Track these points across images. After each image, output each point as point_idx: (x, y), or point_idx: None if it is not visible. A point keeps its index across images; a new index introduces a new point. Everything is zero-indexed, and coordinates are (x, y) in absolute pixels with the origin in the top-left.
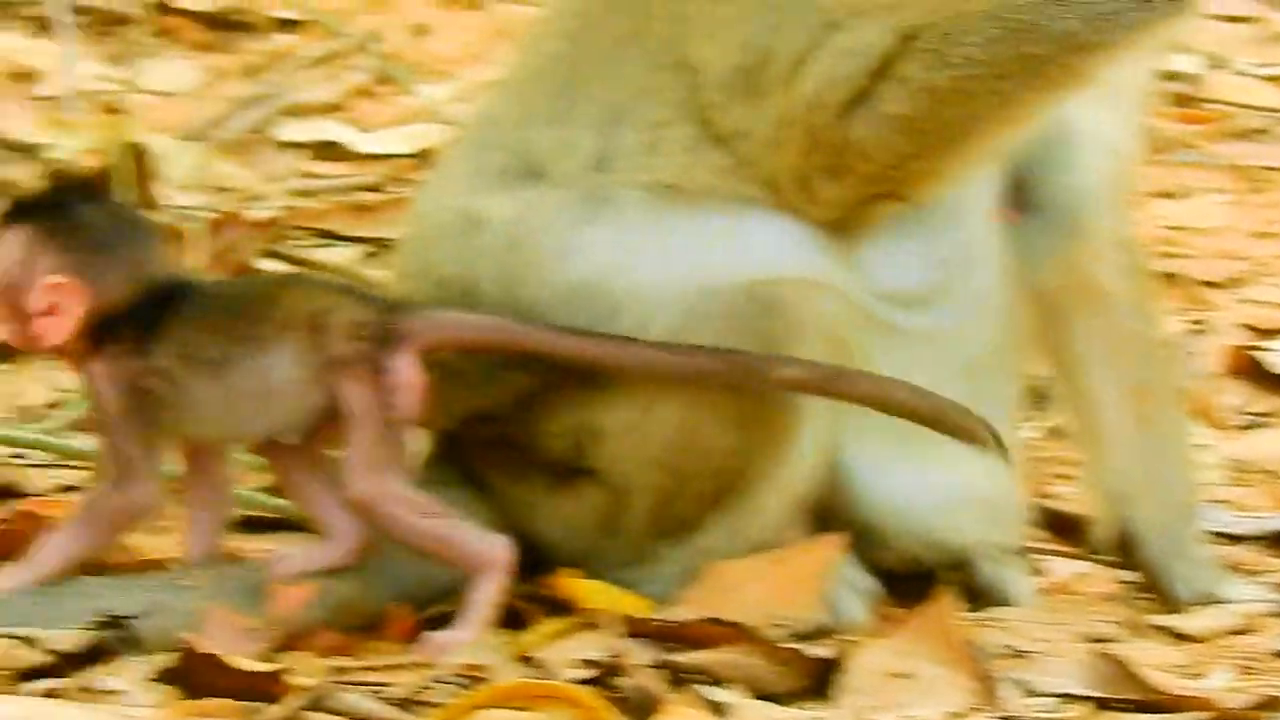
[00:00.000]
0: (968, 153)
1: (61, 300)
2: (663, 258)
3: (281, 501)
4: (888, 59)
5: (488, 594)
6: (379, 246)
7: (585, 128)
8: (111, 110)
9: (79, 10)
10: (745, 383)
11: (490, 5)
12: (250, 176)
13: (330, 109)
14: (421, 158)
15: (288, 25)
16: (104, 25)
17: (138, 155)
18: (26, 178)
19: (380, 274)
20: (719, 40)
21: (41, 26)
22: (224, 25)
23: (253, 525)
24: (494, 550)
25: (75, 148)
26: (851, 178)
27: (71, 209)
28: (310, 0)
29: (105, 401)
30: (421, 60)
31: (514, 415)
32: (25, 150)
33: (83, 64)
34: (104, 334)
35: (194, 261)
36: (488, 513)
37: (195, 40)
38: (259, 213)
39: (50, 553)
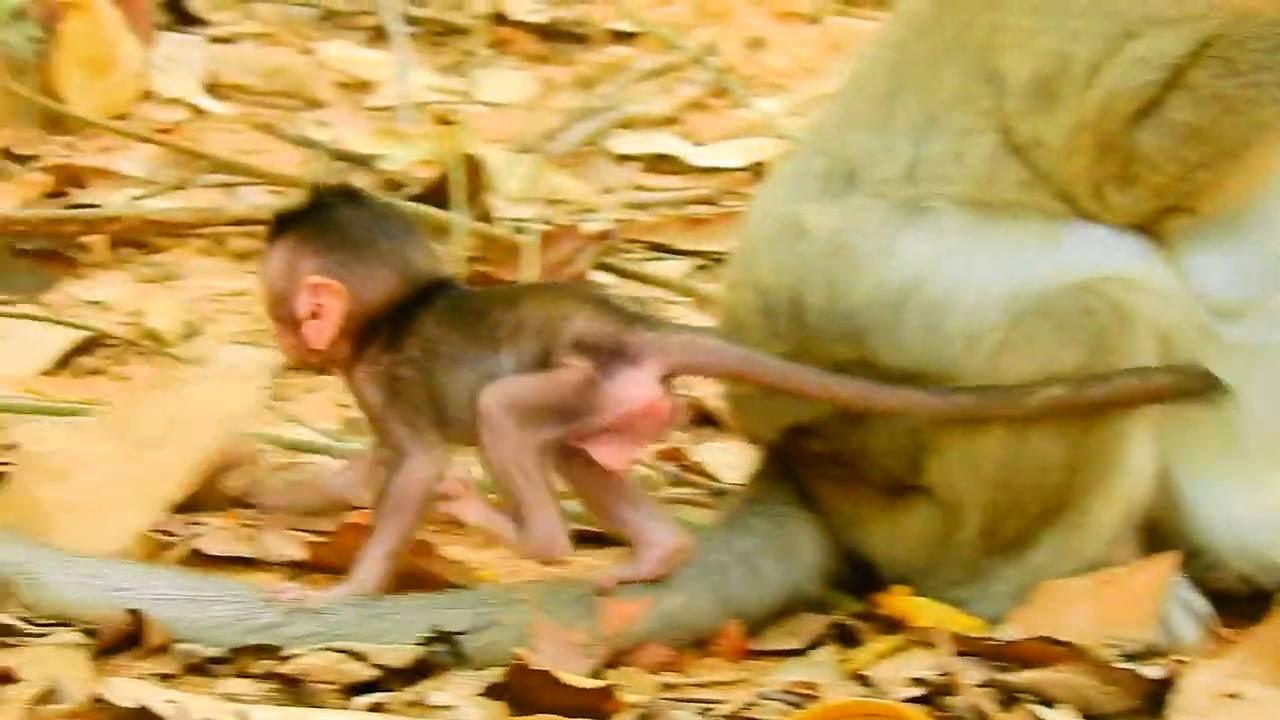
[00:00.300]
0: (1254, 164)
1: (324, 301)
2: (985, 260)
3: None
4: (1179, 68)
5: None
6: (711, 260)
7: (900, 135)
8: (445, 121)
9: (413, 21)
10: (1003, 414)
11: (826, 19)
12: (583, 189)
13: (664, 122)
14: (755, 171)
15: (622, 37)
16: (438, 36)
17: (471, 167)
18: (362, 187)
19: (711, 287)
20: (1023, 49)
21: (376, 37)
22: (558, 37)
23: (584, 539)
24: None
25: (408, 159)
26: (1141, 188)
27: (330, 212)
28: (645, 12)
29: (371, 401)
30: (756, 73)
31: (842, 431)
32: (359, 161)
33: (416, 75)
34: (366, 335)
35: (526, 274)
36: (817, 528)
37: (529, 52)
38: (591, 225)
39: (371, 558)
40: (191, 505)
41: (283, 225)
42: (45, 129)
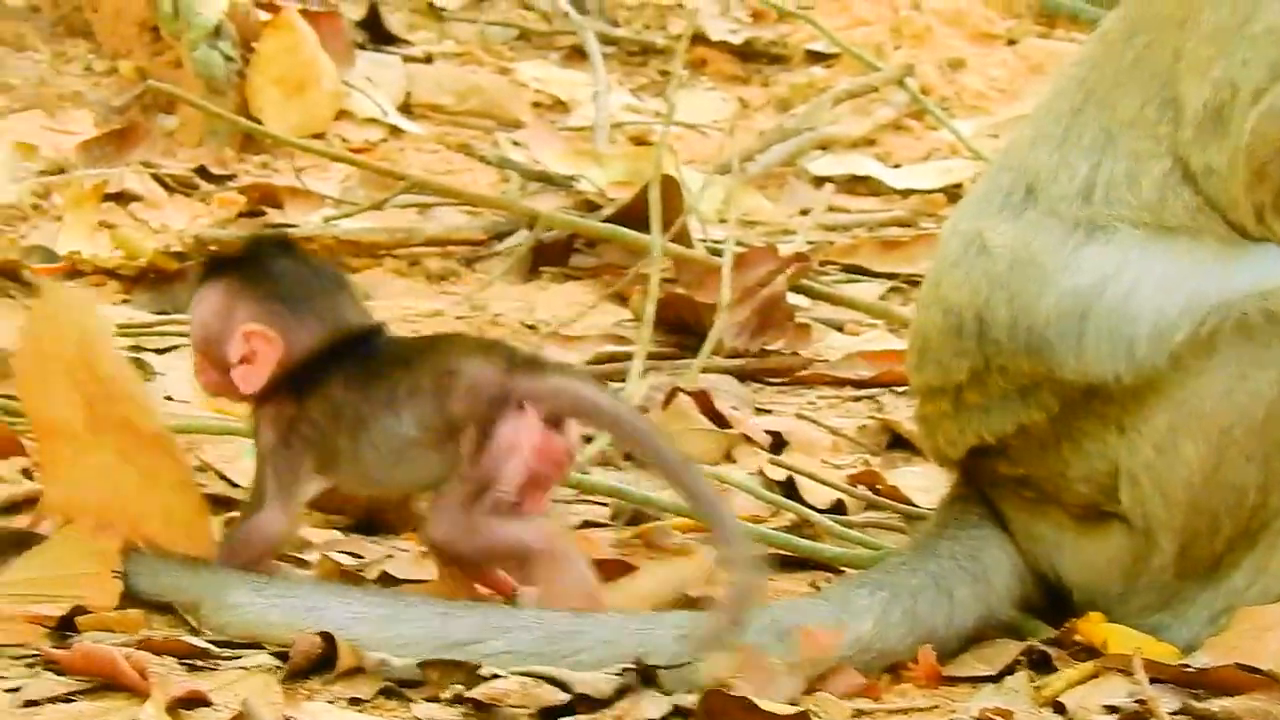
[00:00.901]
0: None
1: (258, 348)
2: (1167, 270)
3: (805, 541)
4: None
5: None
6: (906, 282)
7: (1079, 153)
8: (641, 142)
9: (610, 41)
10: None
11: (1025, 40)
12: (779, 210)
13: (861, 143)
14: (950, 193)
15: (820, 58)
16: (635, 56)
17: (667, 188)
18: (558, 208)
19: (906, 310)
20: (1200, 76)
21: (573, 57)
22: (755, 57)
23: (783, 564)
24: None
25: (604, 179)
26: None
27: (266, 262)
28: (843, 34)
29: (262, 441)
30: (953, 95)
31: (1032, 455)
32: (555, 181)
33: (614, 95)
34: (282, 380)
35: (722, 296)
36: (1009, 552)
37: (726, 72)
38: (788, 247)
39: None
40: (380, 528)
41: (219, 268)
42: (241, 148)
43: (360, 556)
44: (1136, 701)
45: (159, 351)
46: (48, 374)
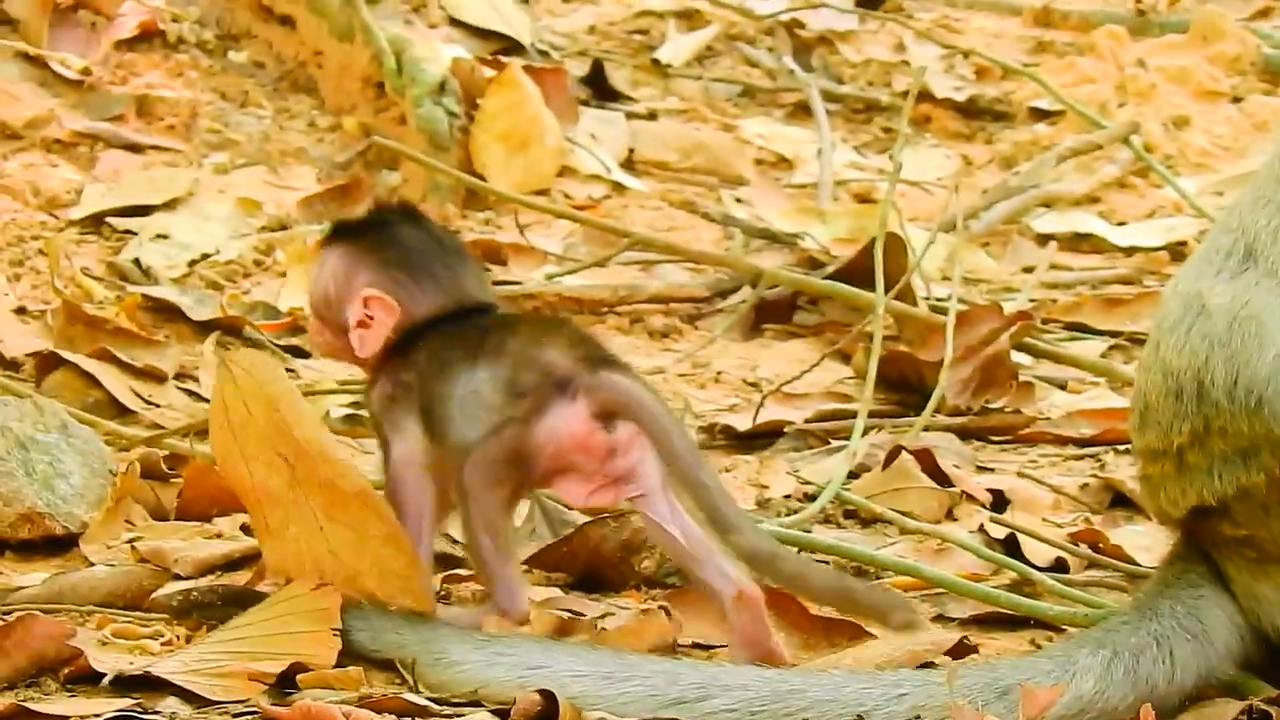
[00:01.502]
0: None
1: (376, 313)
2: None
3: (1026, 600)
4: None
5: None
6: (1129, 341)
7: None
8: (865, 199)
9: (834, 98)
10: None
11: (1250, 98)
12: (1002, 268)
13: (1085, 200)
14: (1175, 251)
15: (1043, 115)
16: (858, 113)
17: (891, 245)
18: (781, 265)
19: (1129, 368)
20: None
21: (796, 113)
22: (979, 114)
23: (992, 622)
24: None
25: (828, 237)
26: None
27: (389, 229)
28: (1067, 90)
29: (376, 400)
30: (1178, 152)
31: (1254, 516)
32: (779, 239)
33: (838, 152)
34: (399, 347)
35: (946, 353)
36: (1230, 611)
37: (949, 129)
38: (1011, 305)
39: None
40: (601, 585)
41: (342, 233)
42: (465, 204)
43: (580, 614)
44: None
45: None
46: (244, 440)
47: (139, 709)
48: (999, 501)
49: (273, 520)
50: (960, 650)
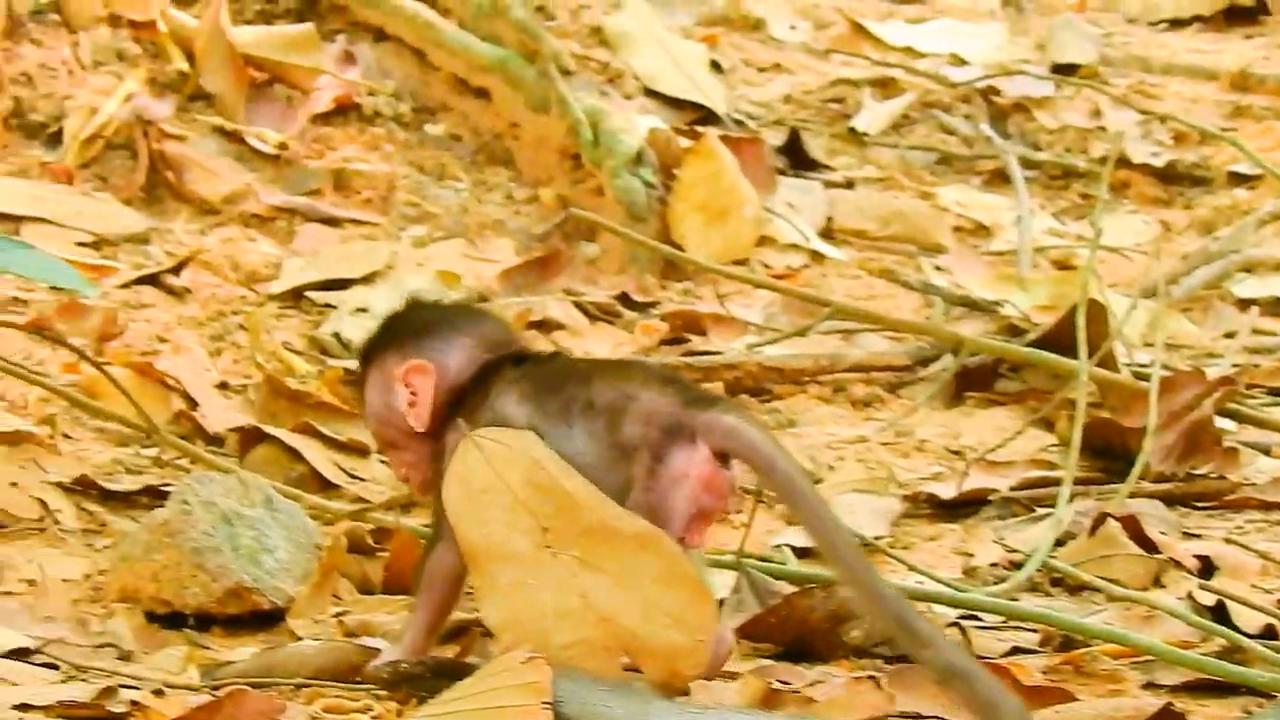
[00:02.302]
0: None
1: (416, 382)
2: None
3: (1235, 667)
4: None
5: None
6: None
7: None
8: (1064, 266)
9: (1032, 165)
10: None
11: None
12: (1204, 333)
13: None
14: None
15: (1242, 180)
16: (1056, 180)
17: (1092, 311)
18: (982, 333)
19: None
20: None
21: (994, 180)
22: (1177, 180)
23: (1201, 689)
24: None
25: (1029, 303)
26: None
27: (398, 318)
28: (1266, 155)
29: (439, 469)
30: None
31: None
32: (979, 306)
33: (1036, 219)
34: (451, 409)
35: (1149, 420)
36: None
37: (1148, 195)
38: (1213, 370)
39: (412, 629)
40: (810, 655)
41: (364, 359)
42: (663, 275)
43: (788, 683)
44: None
45: None
46: (485, 506)
47: None
48: (1206, 568)
49: (503, 579)
50: (1167, 717)
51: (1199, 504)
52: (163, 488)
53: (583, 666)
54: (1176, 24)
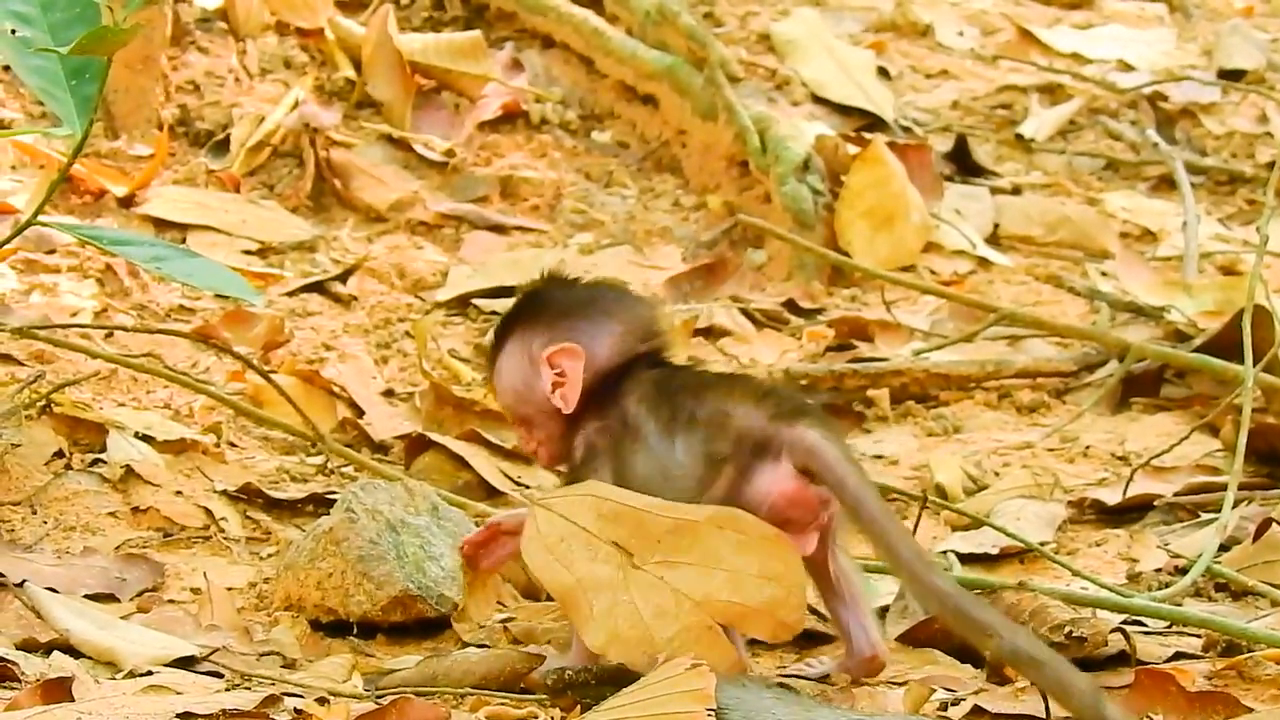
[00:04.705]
0: None
1: (564, 365)
2: None
3: None
4: None
5: None
6: None
7: None
8: (1230, 271)
9: (1198, 170)
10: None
11: None
12: None
13: None
14: None
15: None
16: (1222, 185)
17: (1259, 317)
18: (1148, 339)
19: None
20: None
21: (1160, 186)
22: None
23: None
24: None
25: (1195, 309)
26: None
27: (541, 296)
28: None
29: (576, 455)
30: None
31: None
32: (1145, 312)
33: (1203, 224)
34: (598, 395)
35: None
36: None
37: None
38: None
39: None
40: (973, 659)
41: (503, 330)
42: (830, 282)
43: (950, 689)
44: None
45: None
46: (563, 552)
47: None
48: None
49: (598, 607)
50: None
51: None
52: (328, 496)
53: (694, 651)
54: None
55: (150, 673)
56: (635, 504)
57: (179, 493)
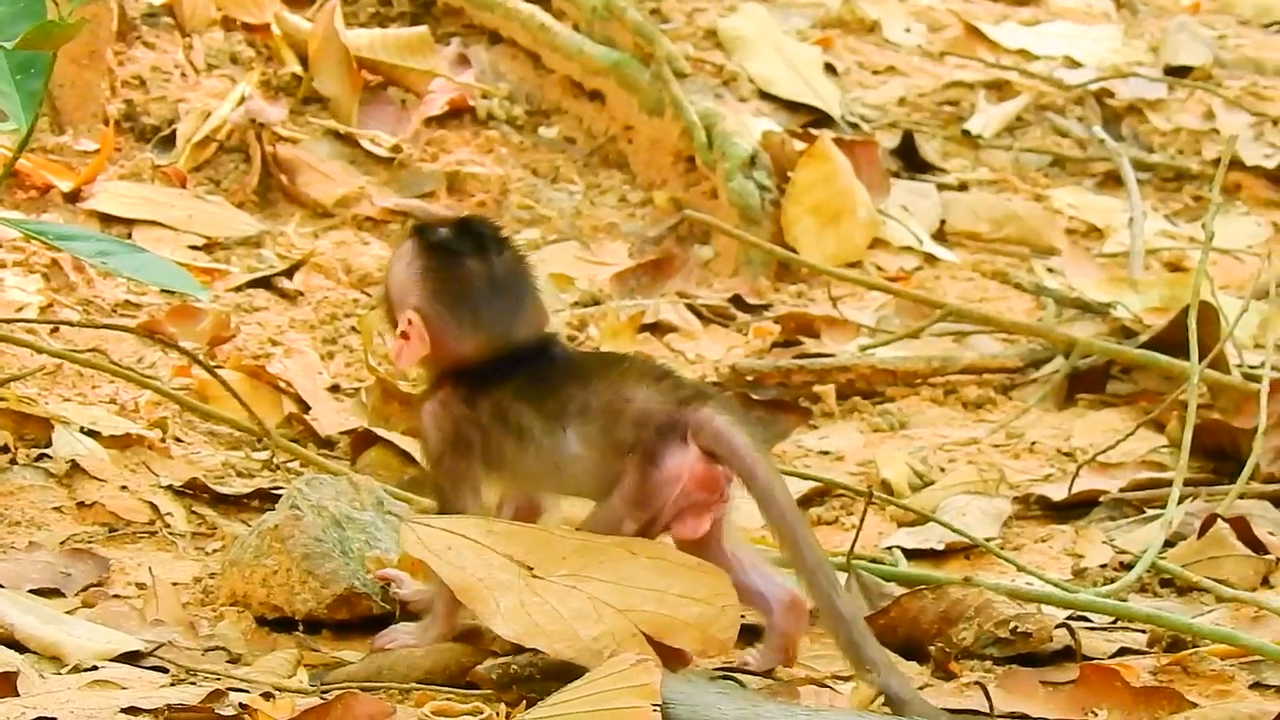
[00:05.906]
0: None
1: (411, 336)
2: None
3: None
4: None
5: None
6: None
7: None
8: (1177, 268)
9: (1145, 167)
10: None
11: None
12: None
13: None
14: None
15: None
16: (1170, 182)
17: (1204, 313)
18: (1094, 335)
19: None
20: None
21: (1107, 183)
22: None
23: None
24: None
25: (1141, 305)
26: None
27: (455, 259)
28: None
29: (429, 439)
30: None
31: None
32: (1091, 308)
33: (1149, 221)
34: (445, 377)
35: (1260, 421)
36: None
37: (1260, 197)
38: None
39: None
40: (917, 655)
41: (422, 236)
42: (777, 278)
43: None
44: None
45: None
46: (457, 558)
47: None
48: None
49: (505, 603)
50: None
51: None
52: (274, 491)
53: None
54: None
55: (95, 668)
56: (531, 527)
57: (124, 488)
